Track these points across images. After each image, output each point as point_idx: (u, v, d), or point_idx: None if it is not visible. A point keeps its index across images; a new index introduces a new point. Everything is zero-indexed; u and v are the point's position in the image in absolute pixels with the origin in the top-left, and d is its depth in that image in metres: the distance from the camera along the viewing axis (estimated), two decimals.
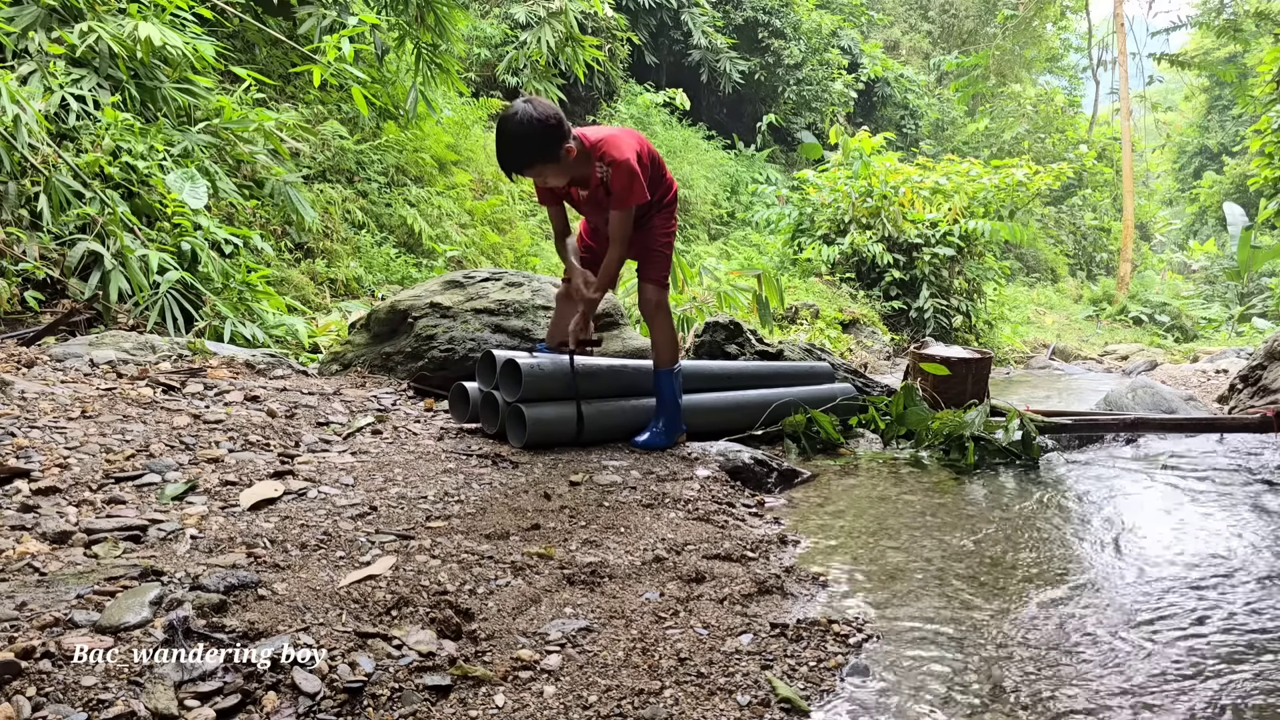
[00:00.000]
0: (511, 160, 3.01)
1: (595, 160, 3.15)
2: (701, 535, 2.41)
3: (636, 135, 3.32)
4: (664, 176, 3.45)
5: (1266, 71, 13.61)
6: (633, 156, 3.12)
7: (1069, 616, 2.02)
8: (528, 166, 3.03)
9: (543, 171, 3.09)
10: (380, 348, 4.31)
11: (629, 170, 3.09)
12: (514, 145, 2.98)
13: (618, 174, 3.11)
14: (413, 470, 2.76)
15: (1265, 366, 5.51)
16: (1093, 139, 27.93)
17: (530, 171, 3.07)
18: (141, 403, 3.06)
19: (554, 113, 3.00)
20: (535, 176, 3.14)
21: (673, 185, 3.52)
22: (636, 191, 3.13)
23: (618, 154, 3.10)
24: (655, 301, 3.42)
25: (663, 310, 3.45)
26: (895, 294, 12.66)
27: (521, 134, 2.95)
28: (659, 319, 3.44)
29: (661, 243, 3.46)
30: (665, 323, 3.45)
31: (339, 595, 1.72)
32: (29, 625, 1.46)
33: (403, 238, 7.72)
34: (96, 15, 5.33)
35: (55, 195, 4.37)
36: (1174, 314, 21.25)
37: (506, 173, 3.09)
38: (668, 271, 3.50)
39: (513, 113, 2.97)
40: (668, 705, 1.50)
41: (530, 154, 3.00)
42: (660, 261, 3.45)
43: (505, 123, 2.98)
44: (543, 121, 2.95)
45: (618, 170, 3.11)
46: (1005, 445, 3.78)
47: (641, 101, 15.37)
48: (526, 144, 2.97)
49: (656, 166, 3.39)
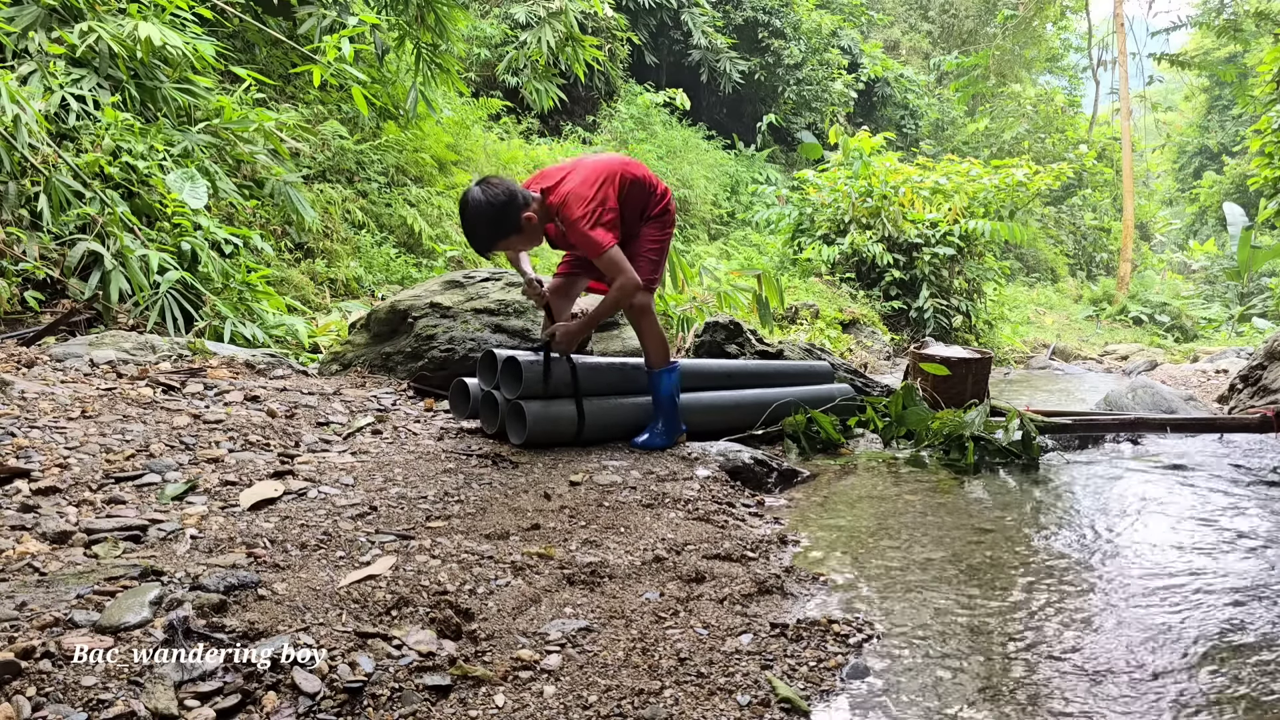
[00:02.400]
0: (478, 244, 3.21)
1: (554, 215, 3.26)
2: (701, 535, 2.41)
3: (609, 169, 3.30)
4: (652, 194, 3.47)
5: (1266, 71, 13.60)
6: (583, 215, 3.15)
7: (1069, 616, 2.02)
8: (494, 243, 3.21)
9: (513, 244, 3.26)
10: (380, 348, 4.31)
11: (581, 233, 3.18)
12: (475, 231, 3.15)
13: (572, 234, 3.21)
14: (413, 470, 2.76)
15: (1265, 366, 5.51)
16: (1093, 139, 27.92)
17: (500, 246, 3.25)
18: (141, 403, 3.06)
19: (503, 190, 3.13)
20: (507, 249, 3.31)
21: (666, 198, 3.53)
22: (595, 244, 3.19)
23: (569, 214, 3.19)
24: (640, 304, 3.42)
25: (647, 313, 3.44)
26: (895, 294, 12.66)
27: (478, 220, 3.12)
28: (644, 322, 3.44)
29: (649, 249, 3.48)
30: (651, 324, 3.45)
31: (339, 595, 1.72)
32: (29, 625, 1.46)
33: (403, 238, 7.72)
34: (96, 15, 5.33)
35: (55, 195, 4.36)
36: (1174, 314, 21.25)
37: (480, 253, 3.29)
38: (655, 275, 3.51)
39: (466, 201, 3.14)
40: (668, 705, 1.50)
41: (492, 235, 3.16)
42: (645, 266, 3.45)
43: (463, 211, 3.17)
44: (494, 204, 3.10)
45: (571, 231, 3.21)
46: (1005, 445, 3.78)
47: (641, 101, 15.37)
48: (485, 228, 3.14)
49: (639, 192, 3.41)
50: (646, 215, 3.48)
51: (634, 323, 3.47)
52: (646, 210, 3.46)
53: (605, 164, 3.32)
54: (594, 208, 3.16)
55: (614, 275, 3.24)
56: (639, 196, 3.41)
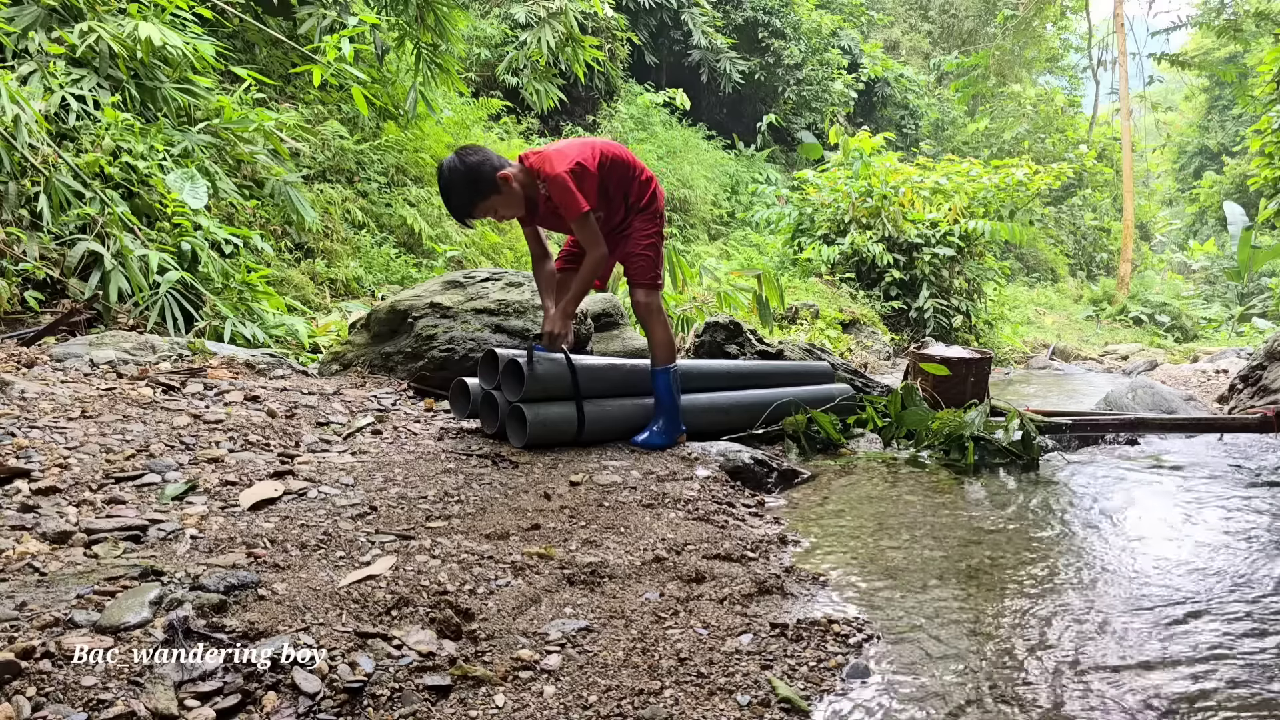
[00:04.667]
0: (455, 207, 3.21)
1: (538, 180, 3.26)
2: (701, 535, 2.41)
3: (589, 143, 3.37)
4: (636, 179, 3.47)
5: (1266, 71, 13.60)
6: (564, 169, 3.18)
7: (1070, 617, 2.02)
8: (473, 207, 3.20)
9: (492, 207, 3.24)
10: (380, 348, 4.31)
11: (561, 185, 3.18)
12: (451, 194, 3.19)
13: (553, 188, 3.22)
14: (413, 470, 2.76)
15: (1265, 366, 5.51)
16: (1093, 139, 27.93)
17: (479, 211, 3.23)
18: (141, 403, 3.06)
19: (473, 151, 3.19)
20: (489, 214, 3.29)
21: (653, 186, 3.53)
22: (575, 200, 3.19)
23: (549, 170, 3.20)
24: (647, 304, 3.47)
25: (656, 311, 3.48)
26: (895, 294, 12.66)
27: (451, 181, 3.15)
28: (653, 320, 3.47)
29: (645, 245, 3.49)
30: (660, 323, 3.48)
31: (339, 595, 1.72)
32: (29, 625, 1.46)
33: (403, 238, 7.72)
34: (96, 15, 5.33)
35: (55, 195, 4.37)
36: (1174, 314, 21.26)
37: (460, 221, 3.30)
38: (656, 273, 3.52)
39: (441, 169, 3.18)
40: (668, 705, 1.50)
41: (467, 196, 3.17)
42: (645, 265, 3.48)
43: (440, 178, 3.20)
44: (464, 163, 3.15)
45: (552, 185, 3.21)
46: (1005, 445, 3.78)
47: (641, 101, 15.37)
48: (459, 188, 3.15)
49: (621, 169, 3.41)
50: (633, 204, 3.47)
51: (643, 321, 3.49)
52: (630, 194, 3.46)
53: (587, 140, 3.40)
54: (575, 167, 3.20)
55: (588, 244, 3.26)
56: (621, 172, 3.42)
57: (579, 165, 3.21)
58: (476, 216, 3.26)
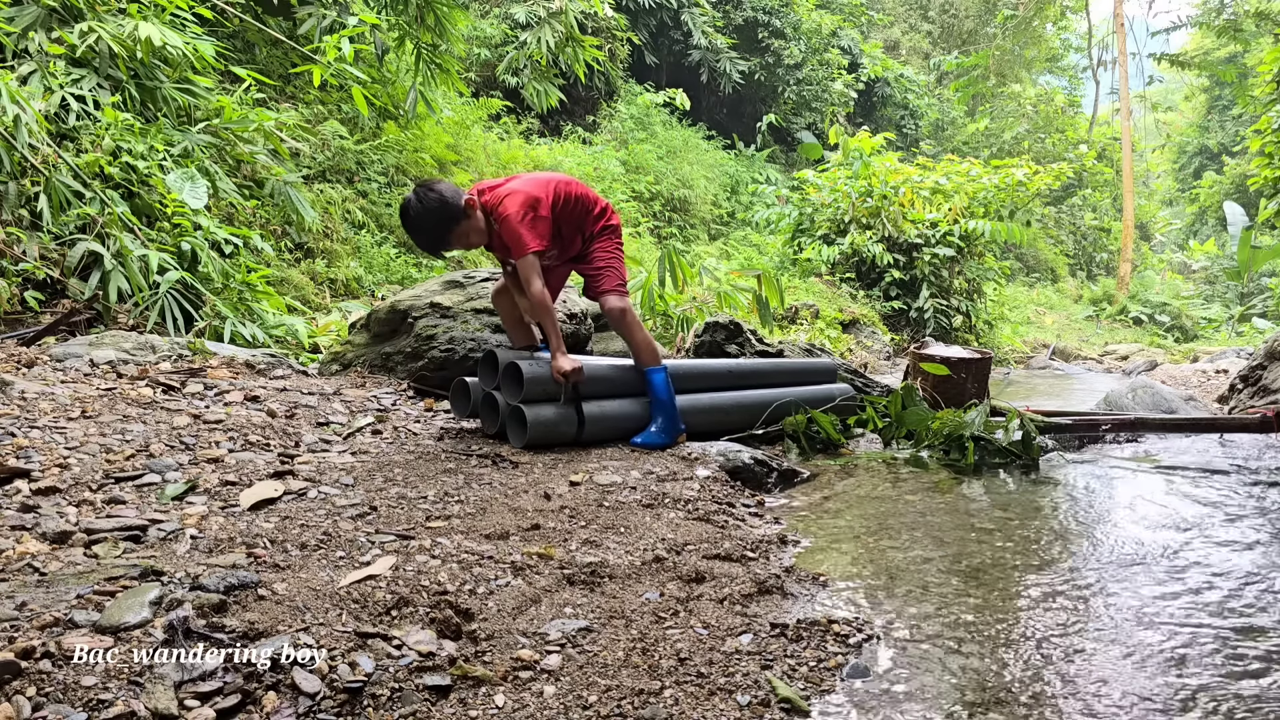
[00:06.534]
0: (429, 240, 3.25)
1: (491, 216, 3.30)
2: (701, 535, 2.41)
3: (546, 182, 3.40)
4: (590, 211, 3.52)
5: (1266, 71, 13.60)
6: (516, 211, 3.21)
7: (1070, 617, 2.02)
8: (449, 235, 3.23)
9: (464, 233, 3.25)
10: (380, 348, 4.31)
11: (511, 227, 3.22)
12: (421, 228, 3.21)
13: (504, 228, 3.25)
14: (413, 470, 2.76)
15: (1265, 366, 5.51)
16: (1093, 139, 27.93)
17: (454, 238, 3.25)
18: (141, 403, 3.06)
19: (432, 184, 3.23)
20: (462, 242, 3.30)
21: (608, 214, 3.59)
22: (522, 242, 3.23)
23: (502, 210, 3.24)
24: (621, 308, 3.50)
25: (628, 315, 3.51)
26: (895, 294, 12.66)
27: (422, 214, 3.19)
28: (627, 325, 3.50)
29: (607, 259, 3.55)
30: (638, 325, 3.53)
31: (339, 595, 1.72)
32: (29, 625, 1.46)
33: (403, 238, 7.71)
34: (96, 15, 5.33)
35: (55, 195, 4.36)
36: (1174, 314, 21.26)
37: (434, 254, 3.37)
38: (621, 280, 3.57)
39: (405, 209, 3.22)
40: (668, 705, 1.50)
41: (442, 226, 3.20)
42: (609, 274, 3.53)
43: (404, 219, 3.25)
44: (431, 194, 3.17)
45: (503, 225, 3.25)
46: (1005, 445, 3.78)
47: (641, 101, 15.36)
48: (432, 220, 3.18)
49: (575, 207, 3.46)
50: (589, 234, 3.54)
51: (617, 327, 3.54)
52: (586, 228, 3.52)
53: (546, 177, 3.45)
54: (528, 210, 3.23)
55: (526, 283, 3.27)
56: (577, 211, 3.47)
57: (532, 209, 3.25)
58: (451, 246, 3.29)
